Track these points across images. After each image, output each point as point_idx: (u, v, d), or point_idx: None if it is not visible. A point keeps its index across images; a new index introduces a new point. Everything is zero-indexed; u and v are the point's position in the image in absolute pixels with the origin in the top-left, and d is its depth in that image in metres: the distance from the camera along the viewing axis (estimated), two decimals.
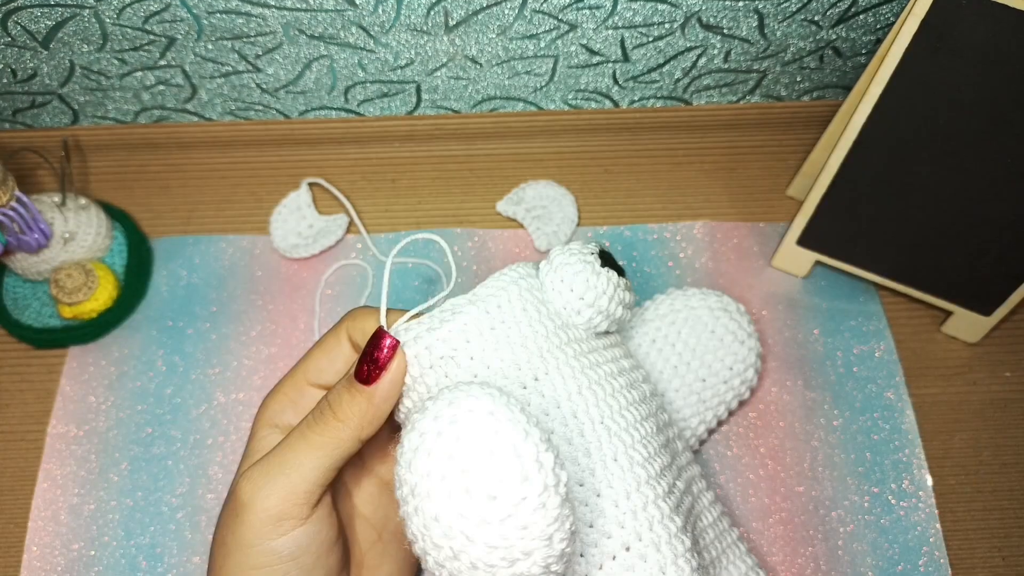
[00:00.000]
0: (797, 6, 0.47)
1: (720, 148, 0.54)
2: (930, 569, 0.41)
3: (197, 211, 0.52)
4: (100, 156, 0.53)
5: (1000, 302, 0.45)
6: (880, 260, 0.47)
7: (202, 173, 0.53)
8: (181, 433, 0.44)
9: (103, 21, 0.46)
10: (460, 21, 0.47)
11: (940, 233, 0.44)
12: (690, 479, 0.36)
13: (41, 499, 0.43)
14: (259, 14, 0.46)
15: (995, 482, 0.44)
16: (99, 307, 0.46)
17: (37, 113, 0.53)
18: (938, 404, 0.46)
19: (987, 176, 0.41)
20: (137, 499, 0.43)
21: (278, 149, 0.54)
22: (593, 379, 0.31)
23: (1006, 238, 0.43)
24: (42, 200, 0.47)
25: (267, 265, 0.50)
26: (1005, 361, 0.47)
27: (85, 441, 0.44)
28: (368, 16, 0.46)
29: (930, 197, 0.43)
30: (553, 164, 0.53)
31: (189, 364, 0.46)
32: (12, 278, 0.48)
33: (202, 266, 0.49)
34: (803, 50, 0.51)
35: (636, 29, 0.48)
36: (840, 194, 0.45)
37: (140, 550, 0.42)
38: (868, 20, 0.49)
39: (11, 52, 0.48)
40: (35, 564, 0.41)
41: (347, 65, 0.50)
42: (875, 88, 0.41)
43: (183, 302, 0.48)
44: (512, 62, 0.51)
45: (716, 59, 0.51)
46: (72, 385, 0.46)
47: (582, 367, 0.32)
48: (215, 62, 0.50)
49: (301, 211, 0.51)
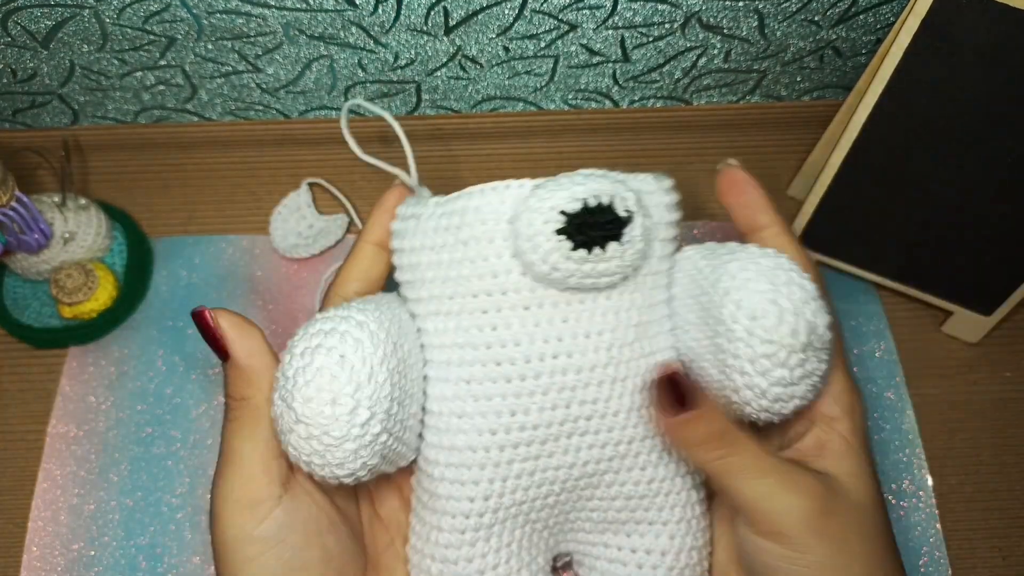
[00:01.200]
0: (797, 6, 0.47)
1: (720, 148, 0.54)
2: (930, 569, 0.41)
3: (197, 211, 0.52)
4: (100, 156, 0.53)
5: (1000, 302, 0.45)
6: (880, 260, 0.47)
7: (202, 173, 0.53)
8: (181, 433, 0.44)
9: (103, 21, 0.46)
10: (460, 21, 0.47)
11: (940, 233, 0.44)
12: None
13: (41, 499, 0.43)
14: (259, 14, 0.46)
15: (995, 482, 0.44)
16: (99, 307, 0.46)
17: (37, 113, 0.53)
18: (938, 404, 0.46)
19: (987, 176, 0.41)
20: (137, 499, 0.43)
21: (278, 149, 0.54)
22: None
23: (1006, 238, 0.43)
24: (42, 200, 0.47)
25: (267, 265, 0.50)
26: (1005, 361, 0.47)
27: (85, 441, 0.44)
28: (368, 16, 0.46)
29: (930, 197, 0.43)
30: (553, 164, 0.53)
31: (189, 364, 0.46)
32: (12, 278, 0.48)
33: (202, 266, 0.49)
34: (803, 50, 0.51)
35: (636, 29, 0.48)
36: (840, 194, 0.45)
37: (140, 550, 0.42)
38: (868, 20, 0.49)
39: (11, 52, 0.48)
40: (35, 564, 0.41)
41: (347, 65, 0.50)
42: (875, 88, 0.41)
43: (183, 302, 0.48)
44: (512, 62, 0.51)
45: (716, 59, 0.51)
46: (72, 385, 0.46)
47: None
48: (215, 62, 0.50)
49: (301, 211, 0.51)
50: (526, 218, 0.27)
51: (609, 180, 0.28)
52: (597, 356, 0.29)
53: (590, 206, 0.27)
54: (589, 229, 0.27)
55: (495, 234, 0.29)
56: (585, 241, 0.27)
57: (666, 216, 0.32)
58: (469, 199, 0.29)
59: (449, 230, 0.30)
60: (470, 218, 0.29)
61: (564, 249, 0.27)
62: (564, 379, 0.29)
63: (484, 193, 0.29)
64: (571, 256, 0.27)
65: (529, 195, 0.28)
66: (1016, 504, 0.43)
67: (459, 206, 0.30)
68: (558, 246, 0.27)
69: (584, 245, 0.27)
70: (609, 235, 0.27)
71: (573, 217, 0.27)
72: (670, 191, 0.32)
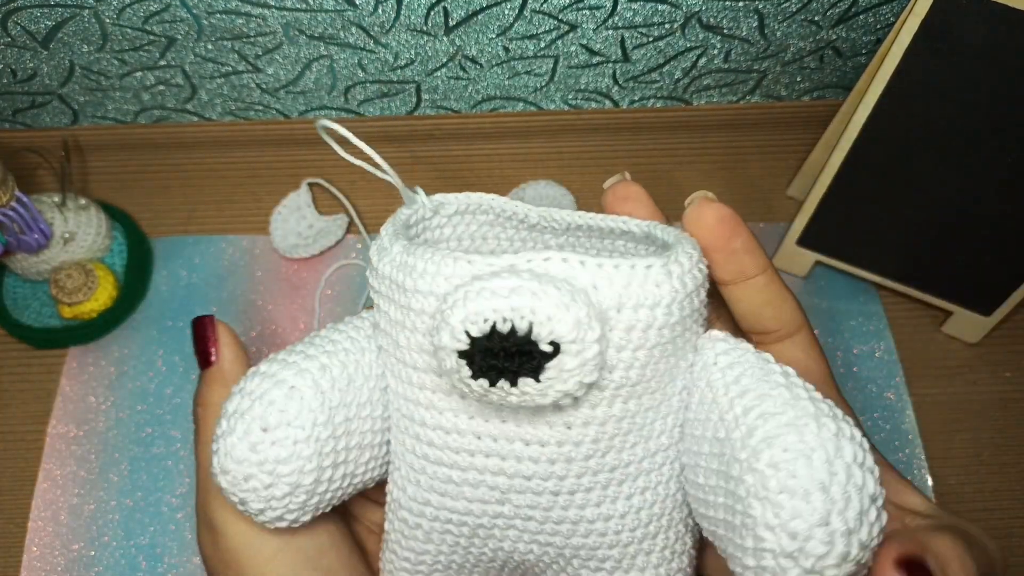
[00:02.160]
0: (797, 6, 0.47)
1: (720, 148, 0.54)
2: None
3: (197, 211, 0.52)
4: (100, 156, 0.53)
5: (1000, 302, 0.45)
6: (880, 260, 0.47)
7: (202, 173, 0.53)
8: (181, 433, 0.44)
9: (103, 21, 0.46)
10: (460, 21, 0.47)
11: (940, 233, 0.44)
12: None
13: (41, 499, 0.43)
14: (259, 14, 0.46)
15: (995, 482, 0.44)
16: (99, 307, 0.46)
17: (37, 113, 0.53)
18: (938, 404, 0.46)
19: (987, 176, 0.41)
20: (137, 499, 0.43)
21: (278, 149, 0.54)
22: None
23: (1006, 238, 0.43)
24: (42, 200, 0.47)
25: (267, 265, 0.50)
26: (1005, 361, 0.47)
27: (85, 441, 0.44)
28: (368, 16, 0.46)
29: (930, 197, 0.43)
30: (553, 164, 0.53)
31: (189, 364, 0.46)
32: (12, 278, 0.48)
33: (202, 266, 0.49)
34: (803, 50, 0.51)
35: (636, 29, 0.48)
36: (840, 194, 0.45)
37: (140, 550, 0.42)
38: (868, 20, 0.48)
39: (11, 52, 0.48)
40: (35, 564, 0.41)
41: (347, 65, 0.50)
42: (875, 88, 0.41)
43: (183, 302, 0.48)
44: (512, 62, 0.51)
45: (716, 59, 0.51)
46: (72, 385, 0.46)
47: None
48: (215, 62, 0.50)
49: (301, 211, 0.51)
50: (438, 326, 0.22)
51: (533, 288, 0.21)
52: (536, 467, 0.24)
53: (498, 330, 0.21)
54: (494, 357, 0.21)
55: (428, 309, 0.24)
56: (486, 370, 0.21)
57: (684, 308, 0.23)
58: (418, 261, 0.24)
59: (396, 286, 0.25)
60: (412, 284, 0.24)
61: (463, 374, 0.22)
62: (496, 479, 0.25)
63: (433, 261, 0.24)
64: (471, 384, 0.22)
65: (455, 293, 0.22)
66: (1016, 504, 0.43)
67: (409, 264, 0.24)
68: (458, 367, 0.22)
69: (485, 374, 0.21)
70: (520, 369, 0.21)
71: (476, 341, 0.21)
72: (695, 269, 0.24)
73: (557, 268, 0.22)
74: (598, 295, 0.22)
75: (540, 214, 0.28)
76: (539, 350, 0.21)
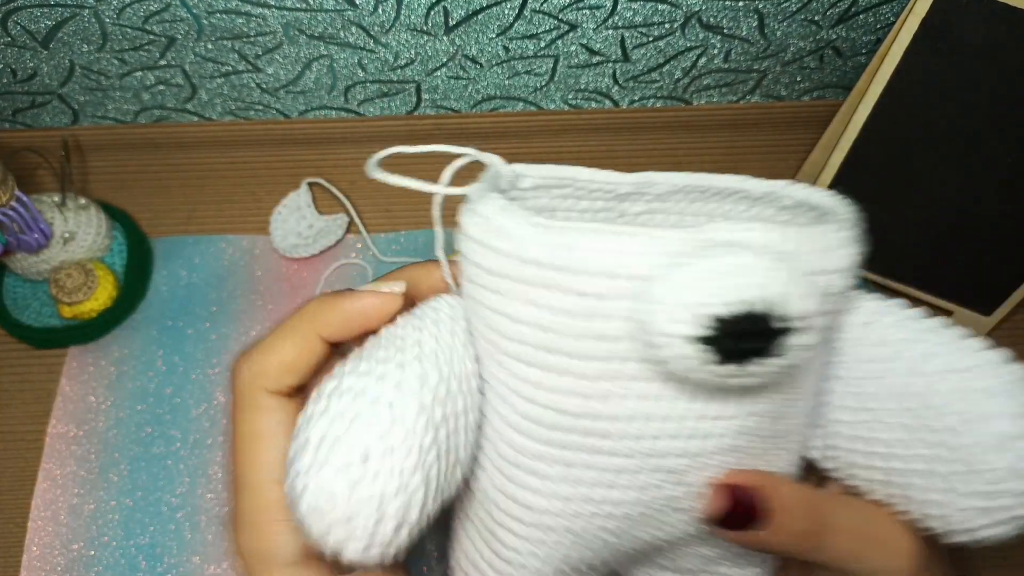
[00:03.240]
0: (797, 6, 0.47)
1: (720, 148, 0.54)
2: None
3: (197, 211, 0.52)
4: (100, 156, 0.53)
5: (1000, 302, 0.45)
6: (880, 260, 0.47)
7: (202, 173, 0.53)
8: (181, 433, 0.44)
9: (103, 21, 0.46)
10: (460, 21, 0.47)
11: (940, 233, 0.44)
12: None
13: (41, 499, 0.43)
14: (259, 14, 0.46)
15: None
16: (99, 307, 0.46)
17: (37, 113, 0.53)
18: None
19: (987, 176, 0.41)
20: (137, 499, 0.43)
21: (278, 149, 0.54)
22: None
23: (1006, 238, 0.43)
24: (42, 200, 0.47)
25: (267, 265, 0.50)
26: None
27: (85, 441, 0.44)
28: (368, 16, 0.46)
29: (930, 197, 0.43)
30: (553, 164, 0.53)
31: (189, 364, 0.46)
32: (12, 278, 0.48)
33: (202, 266, 0.49)
34: (803, 50, 0.51)
35: (636, 29, 0.48)
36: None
37: (140, 550, 0.42)
38: (868, 20, 0.48)
39: (11, 52, 0.48)
40: (35, 564, 0.41)
41: (347, 65, 0.50)
42: (875, 88, 0.41)
43: (183, 302, 0.48)
44: (512, 62, 0.51)
45: (716, 59, 0.51)
46: (72, 385, 0.46)
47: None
48: (215, 62, 0.50)
49: (301, 211, 0.51)
50: (662, 311, 0.21)
51: (764, 264, 0.21)
52: (720, 442, 0.24)
53: (749, 312, 0.21)
54: (742, 340, 0.21)
55: (613, 292, 0.22)
56: (734, 353, 0.21)
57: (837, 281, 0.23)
58: (582, 239, 0.23)
59: (553, 268, 0.23)
60: (580, 264, 0.23)
61: (707, 359, 0.21)
62: (677, 462, 0.24)
63: (603, 240, 0.23)
64: (715, 370, 0.22)
65: (667, 274, 0.21)
66: None
67: (563, 243, 0.23)
68: (699, 355, 0.21)
69: (732, 358, 0.21)
70: (757, 350, 0.21)
71: (726, 324, 0.21)
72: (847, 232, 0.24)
73: (758, 239, 0.22)
74: (800, 263, 0.22)
75: (634, 182, 0.27)
76: (777, 328, 0.21)
